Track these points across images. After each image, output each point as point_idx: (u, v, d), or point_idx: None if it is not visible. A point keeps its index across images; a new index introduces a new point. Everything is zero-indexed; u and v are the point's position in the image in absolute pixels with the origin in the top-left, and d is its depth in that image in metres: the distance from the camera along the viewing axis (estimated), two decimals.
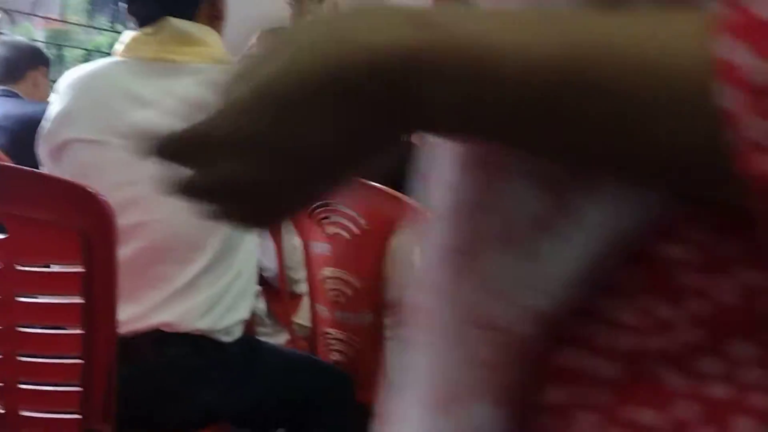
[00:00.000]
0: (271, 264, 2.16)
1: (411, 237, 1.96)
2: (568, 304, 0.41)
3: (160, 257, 1.62)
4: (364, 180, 1.93)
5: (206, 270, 1.58)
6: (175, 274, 1.61)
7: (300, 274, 2.16)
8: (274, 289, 2.24)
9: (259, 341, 1.92)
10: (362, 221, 1.89)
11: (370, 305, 1.94)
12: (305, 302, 2.19)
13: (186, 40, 1.70)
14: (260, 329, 2.24)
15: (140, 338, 1.60)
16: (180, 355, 1.64)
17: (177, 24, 1.71)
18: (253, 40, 2.19)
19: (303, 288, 2.18)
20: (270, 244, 2.13)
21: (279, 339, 2.24)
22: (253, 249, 1.70)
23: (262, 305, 2.25)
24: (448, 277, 0.45)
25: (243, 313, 1.73)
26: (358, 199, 1.90)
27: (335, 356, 2.02)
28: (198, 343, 1.65)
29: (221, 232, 1.59)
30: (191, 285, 1.61)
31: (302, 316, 2.24)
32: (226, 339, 1.70)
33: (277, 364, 1.82)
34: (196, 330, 1.64)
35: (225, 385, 1.70)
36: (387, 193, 1.88)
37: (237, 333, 1.73)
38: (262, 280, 2.24)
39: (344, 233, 1.92)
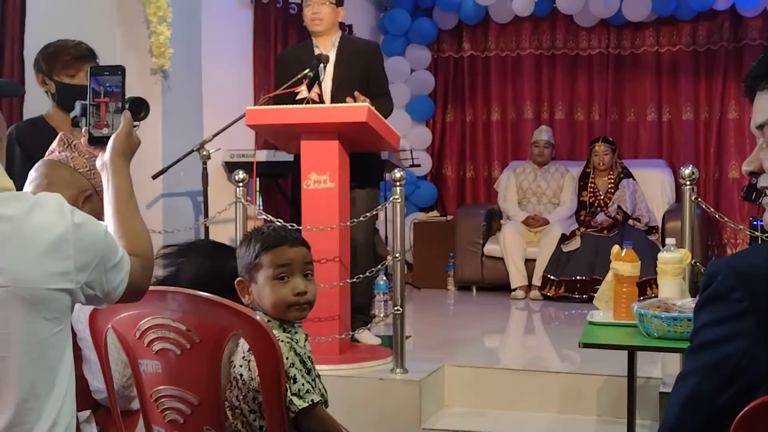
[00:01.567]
0: (100, 384, 1.98)
1: (241, 344, 1.84)
2: None
3: None
4: (190, 291, 1.80)
5: (9, 428, 1.37)
6: None
7: (133, 391, 2.00)
8: (107, 410, 2.06)
9: None
10: (192, 334, 1.76)
11: (211, 422, 1.81)
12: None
13: None
14: None
15: None
16: None
17: None
18: (54, 144, 2.03)
19: (138, 405, 2.01)
20: (96, 363, 1.95)
21: None
22: (67, 387, 1.48)
23: (94, 430, 2.06)
24: None
25: None
26: (186, 311, 1.77)
27: None
28: None
29: (19, 382, 1.39)
30: None
31: None
32: None
33: None
34: None
35: None
36: (216, 303, 1.77)
37: None
38: (94, 403, 2.06)
39: (174, 348, 1.78)
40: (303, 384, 1.79)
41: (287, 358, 1.79)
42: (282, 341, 1.81)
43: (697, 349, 1.09)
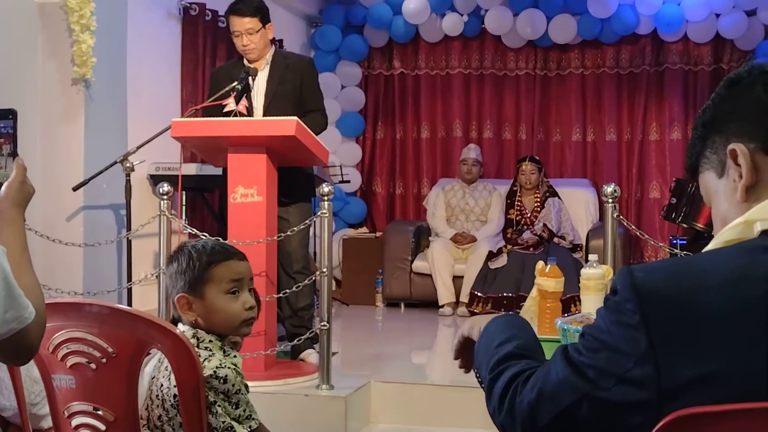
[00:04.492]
0: (8, 402, 1.89)
1: (162, 360, 1.79)
2: None
3: None
4: (107, 302, 1.74)
5: None
6: None
7: (45, 409, 1.92)
8: (18, 429, 1.97)
9: None
10: (109, 348, 1.70)
11: None
12: None
13: None
14: None
15: None
16: None
17: None
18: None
19: (50, 422, 1.93)
20: (4, 380, 1.87)
21: None
22: None
23: None
24: None
25: None
26: (102, 324, 1.71)
27: None
28: None
29: None
30: None
31: None
32: None
33: None
34: None
35: None
36: (135, 316, 1.72)
37: None
38: (3, 421, 1.97)
39: (89, 362, 1.72)
40: (244, 410, 1.76)
41: (233, 385, 1.75)
42: (228, 367, 1.76)
43: (594, 344, 1.08)
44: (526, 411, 1.12)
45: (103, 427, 1.73)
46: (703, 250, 1.12)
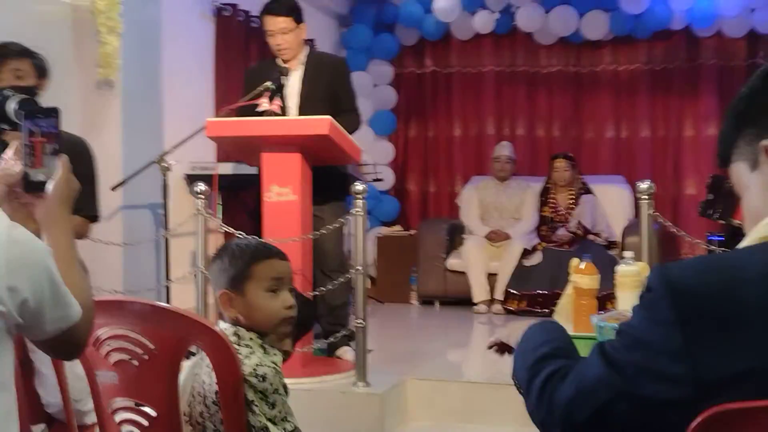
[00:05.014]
0: (53, 399, 1.93)
1: (204, 357, 1.82)
2: None
3: None
4: (148, 300, 1.78)
5: None
6: None
7: (88, 405, 1.96)
8: (62, 425, 2.02)
9: None
10: (150, 345, 1.73)
11: None
12: None
13: None
14: None
15: None
16: None
17: None
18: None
19: (94, 418, 1.97)
20: (49, 377, 1.91)
21: None
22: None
23: None
24: None
25: None
26: (144, 321, 1.74)
27: None
28: None
29: None
30: None
31: None
32: None
33: None
34: None
35: None
36: (176, 313, 1.74)
37: None
38: (47, 417, 2.02)
39: (132, 359, 1.75)
40: (280, 411, 1.76)
41: (271, 384, 1.76)
42: (268, 366, 1.78)
43: (630, 341, 1.08)
44: (563, 407, 1.13)
45: (146, 422, 1.77)
46: (737, 246, 1.12)
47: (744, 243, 1.11)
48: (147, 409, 1.76)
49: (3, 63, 2.89)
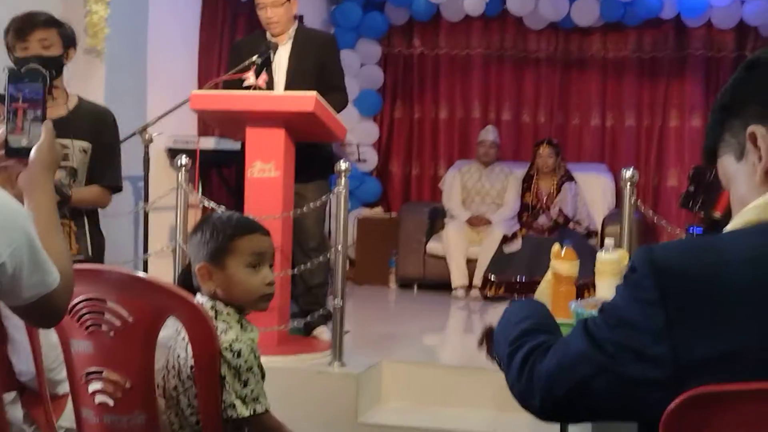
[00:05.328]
0: (25, 367, 1.91)
1: (180, 330, 1.80)
2: None
3: None
4: (126, 270, 1.75)
5: None
6: None
7: (62, 374, 1.94)
8: (34, 393, 1.99)
9: None
10: (127, 315, 1.71)
11: (142, 406, 1.76)
12: (70, 402, 1.96)
13: None
14: None
15: None
16: None
17: None
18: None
19: (66, 388, 1.95)
20: (23, 344, 1.89)
21: None
22: None
23: (18, 413, 1.99)
24: None
25: None
26: (121, 291, 1.72)
27: None
28: None
29: None
30: None
31: (68, 418, 2.00)
32: None
33: None
34: None
35: None
36: (154, 284, 1.72)
37: None
38: (18, 385, 1.99)
39: (108, 329, 1.73)
40: (252, 390, 1.74)
41: (245, 361, 1.74)
42: (244, 342, 1.76)
43: (613, 319, 1.09)
44: (544, 380, 1.14)
45: (119, 393, 1.75)
46: (723, 231, 1.12)
47: (729, 227, 1.12)
48: (121, 380, 1.74)
49: (30, 33, 2.86)
